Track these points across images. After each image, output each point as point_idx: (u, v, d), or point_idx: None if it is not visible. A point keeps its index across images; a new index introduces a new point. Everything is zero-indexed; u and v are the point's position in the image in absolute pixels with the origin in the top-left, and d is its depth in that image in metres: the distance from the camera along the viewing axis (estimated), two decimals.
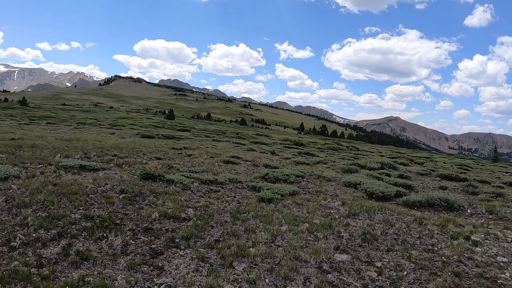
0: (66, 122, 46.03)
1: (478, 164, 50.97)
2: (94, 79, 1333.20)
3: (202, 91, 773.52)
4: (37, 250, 6.48)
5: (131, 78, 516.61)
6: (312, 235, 8.17)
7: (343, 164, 21.70)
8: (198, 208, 9.22)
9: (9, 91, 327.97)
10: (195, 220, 8.26)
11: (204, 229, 7.81)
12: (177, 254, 6.56)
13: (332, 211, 10.49)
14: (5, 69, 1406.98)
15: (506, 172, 38.73)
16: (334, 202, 11.52)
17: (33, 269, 5.92)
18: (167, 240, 7.09)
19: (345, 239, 8.22)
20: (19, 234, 6.98)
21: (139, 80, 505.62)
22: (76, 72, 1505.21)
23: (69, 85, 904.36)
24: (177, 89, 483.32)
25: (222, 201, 10.27)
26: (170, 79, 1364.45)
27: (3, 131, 24.97)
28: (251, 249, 6.85)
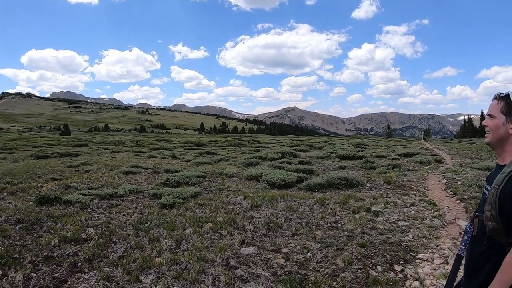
0: None
1: (374, 141, 53.73)
2: None
3: (97, 101, 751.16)
4: None
5: (20, 94, 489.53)
6: (216, 234, 8.12)
7: (244, 159, 21.96)
8: (99, 226, 8.80)
9: None
10: (97, 239, 7.87)
11: (107, 247, 7.46)
12: (82, 279, 6.19)
13: (235, 207, 10.50)
14: None
15: (400, 145, 41.23)
16: (237, 197, 11.58)
17: None
18: (70, 266, 6.68)
19: (250, 231, 8.26)
20: None
21: (29, 96, 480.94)
22: None
23: None
24: (71, 101, 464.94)
25: (124, 214, 9.91)
26: (62, 91, 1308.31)
27: None
28: (156, 258, 6.64)
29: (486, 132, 2.71)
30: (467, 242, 2.84)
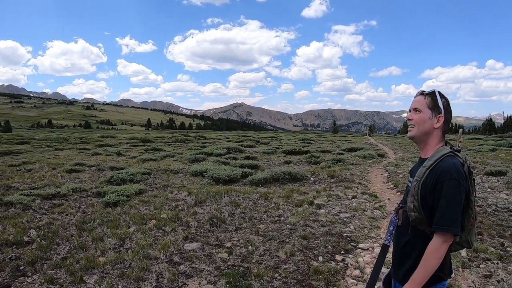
0: None
1: (320, 136, 54.64)
2: None
3: (40, 96, 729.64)
4: None
5: None
6: (160, 231, 8.15)
7: (190, 155, 21.92)
8: (42, 227, 8.59)
9: None
10: (39, 241, 7.70)
11: (50, 249, 7.30)
12: (25, 283, 6.06)
13: (179, 203, 10.54)
14: None
15: (345, 140, 42.13)
16: (181, 193, 11.59)
17: None
18: (13, 270, 6.51)
19: (194, 227, 8.34)
20: None
21: None
22: None
23: None
24: (13, 95, 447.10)
25: (67, 214, 9.70)
26: (3, 84, 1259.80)
27: None
28: (100, 258, 6.59)
29: (410, 126, 2.89)
30: (393, 232, 3.03)
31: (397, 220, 3.01)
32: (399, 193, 12.17)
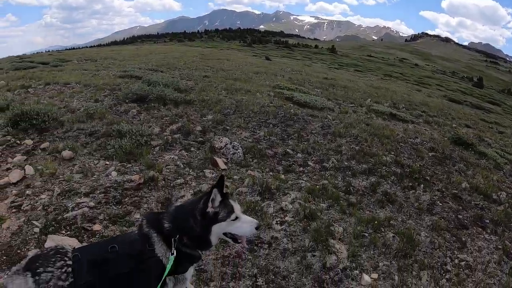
0: (372, 72, 47.72)
1: None
2: (400, 34, 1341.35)
3: None
4: (347, 178, 6.99)
5: (438, 36, 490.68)
6: None
7: None
8: (510, 194, 8.17)
9: (319, 40, 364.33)
10: (506, 206, 7.32)
11: None
12: (481, 236, 5.91)
13: None
14: (315, 21, 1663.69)
15: None
16: None
17: (341, 192, 6.41)
18: (475, 217, 6.47)
19: None
20: (332, 158, 7.69)
21: (447, 40, 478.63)
22: (382, 26, 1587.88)
23: (375, 38, 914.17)
24: (488, 55, 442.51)
25: None
26: (481, 42, 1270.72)
27: (317, 71, 27.50)
28: None
29: None
30: None
31: None
32: None
